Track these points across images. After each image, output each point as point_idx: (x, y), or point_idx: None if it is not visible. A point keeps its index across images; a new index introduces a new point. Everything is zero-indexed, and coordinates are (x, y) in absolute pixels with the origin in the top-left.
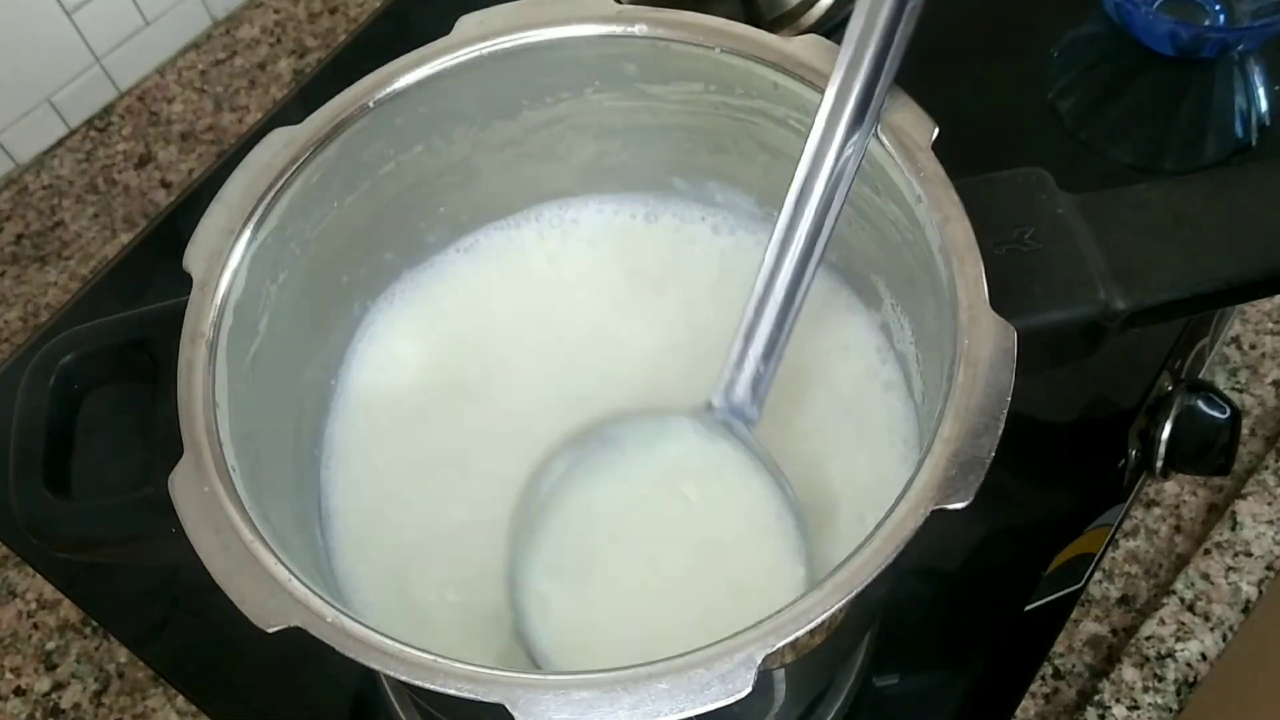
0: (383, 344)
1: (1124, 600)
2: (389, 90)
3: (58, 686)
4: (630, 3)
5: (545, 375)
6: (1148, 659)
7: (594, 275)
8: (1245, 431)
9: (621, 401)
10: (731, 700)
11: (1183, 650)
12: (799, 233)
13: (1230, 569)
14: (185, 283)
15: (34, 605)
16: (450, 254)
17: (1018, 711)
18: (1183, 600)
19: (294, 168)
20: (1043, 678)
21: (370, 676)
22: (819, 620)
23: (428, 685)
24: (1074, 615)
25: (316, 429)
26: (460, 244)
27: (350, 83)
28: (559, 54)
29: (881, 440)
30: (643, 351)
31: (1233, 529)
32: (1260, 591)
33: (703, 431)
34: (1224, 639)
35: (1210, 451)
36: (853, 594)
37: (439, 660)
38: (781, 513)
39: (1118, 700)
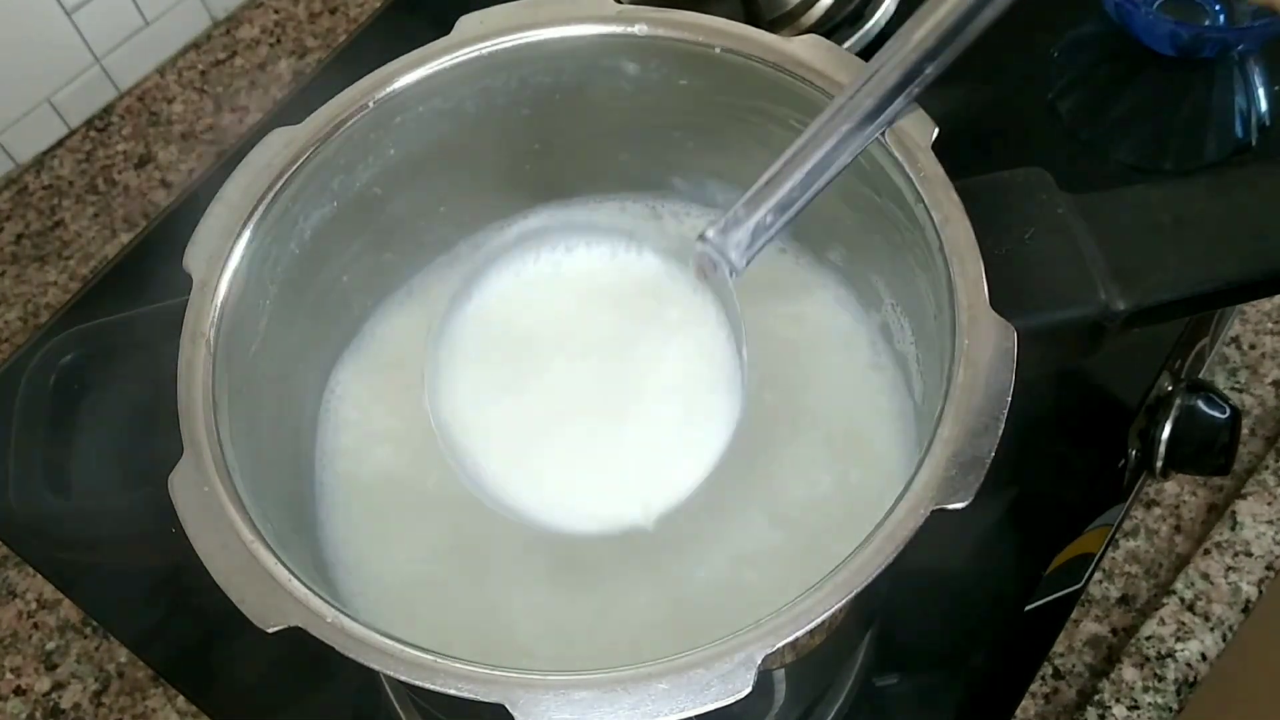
0: (383, 343)
1: (1124, 600)
2: (389, 90)
3: (58, 686)
4: (630, 3)
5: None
6: (1148, 659)
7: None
8: (1245, 431)
9: None
10: (731, 700)
11: (1183, 650)
12: (860, 108)
13: (1230, 569)
14: (185, 283)
15: (34, 605)
16: (450, 253)
17: (1018, 711)
18: (1183, 600)
19: (294, 168)
20: (1043, 678)
21: (370, 676)
22: (819, 620)
23: (427, 685)
24: (1074, 615)
25: (316, 428)
26: (461, 244)
27: (350, 83)
28: (559, 54)
29: (881, 440)
30: None
31: (1233, 529)
32: (1260, 591)
33: (677, 264)
34: (1224, 639)
35: (1210, 451)
36: (853, 594)
37: (439, 660)
38: (729, 374)
39: (1118, 700)
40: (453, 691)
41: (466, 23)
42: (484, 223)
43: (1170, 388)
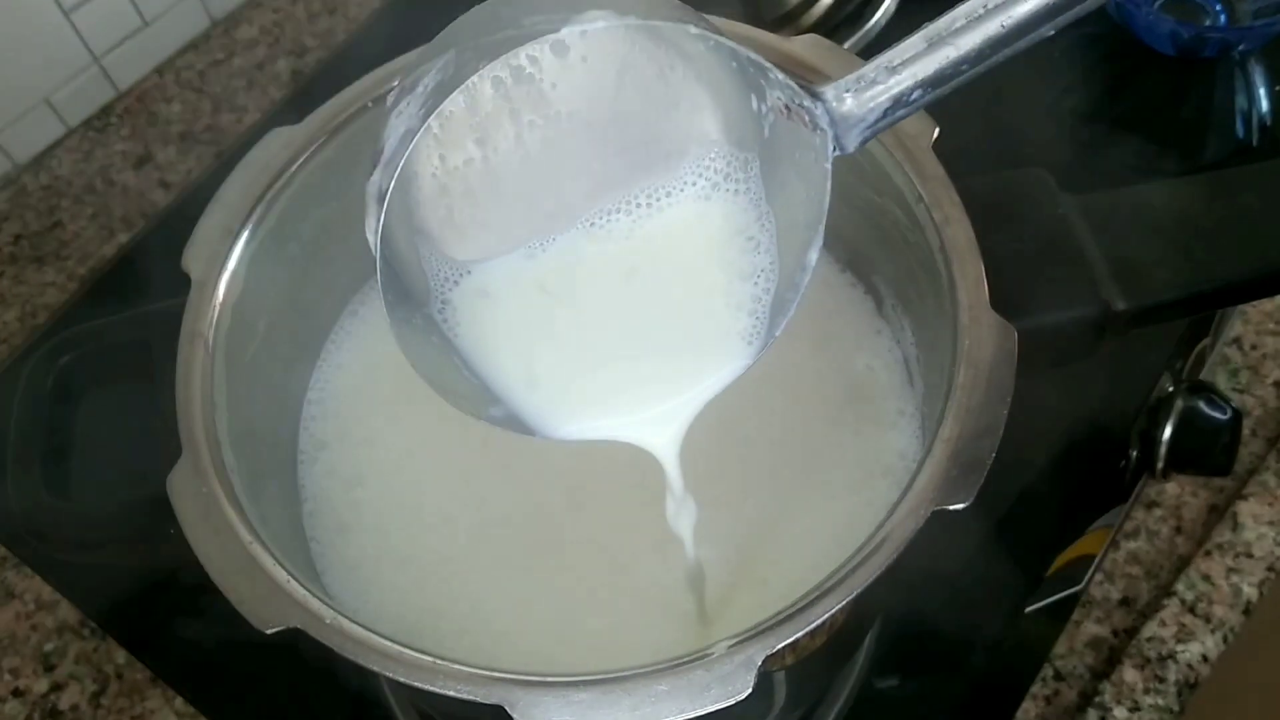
0: (383, 344)
1: (1125, 601)
2: (388, 90)
3: (56, 688)
4: None
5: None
6: (1149, 660)
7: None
8: (1246, 432)
9: None
10: (732, 702)
11: (1184, 651)
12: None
13: (1231, 570)
14: (184, 283)
15: (32, 606)
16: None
17: (1018, 713)
18: (1184, 601)
19: (292, 168)
20: (1043, 679)
21: (369, 677)
22: (819, 621)
23: (427, 687)
24: (1075, 616)
25: (316, 429)
26: None
27: (349, 83)
28: None
29: (881, 440)
30: None
31: (1234, 530)
32: (1261, 593)
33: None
34: (1225, 640)
35: (1211, 452)
36: (853, 595)
37: (438, 662)
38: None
39: (1119, 702)
40: (452, 693)
41: None
42: None
43: (1171, 388)
